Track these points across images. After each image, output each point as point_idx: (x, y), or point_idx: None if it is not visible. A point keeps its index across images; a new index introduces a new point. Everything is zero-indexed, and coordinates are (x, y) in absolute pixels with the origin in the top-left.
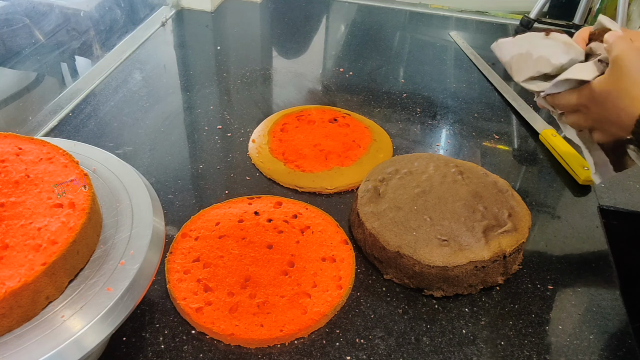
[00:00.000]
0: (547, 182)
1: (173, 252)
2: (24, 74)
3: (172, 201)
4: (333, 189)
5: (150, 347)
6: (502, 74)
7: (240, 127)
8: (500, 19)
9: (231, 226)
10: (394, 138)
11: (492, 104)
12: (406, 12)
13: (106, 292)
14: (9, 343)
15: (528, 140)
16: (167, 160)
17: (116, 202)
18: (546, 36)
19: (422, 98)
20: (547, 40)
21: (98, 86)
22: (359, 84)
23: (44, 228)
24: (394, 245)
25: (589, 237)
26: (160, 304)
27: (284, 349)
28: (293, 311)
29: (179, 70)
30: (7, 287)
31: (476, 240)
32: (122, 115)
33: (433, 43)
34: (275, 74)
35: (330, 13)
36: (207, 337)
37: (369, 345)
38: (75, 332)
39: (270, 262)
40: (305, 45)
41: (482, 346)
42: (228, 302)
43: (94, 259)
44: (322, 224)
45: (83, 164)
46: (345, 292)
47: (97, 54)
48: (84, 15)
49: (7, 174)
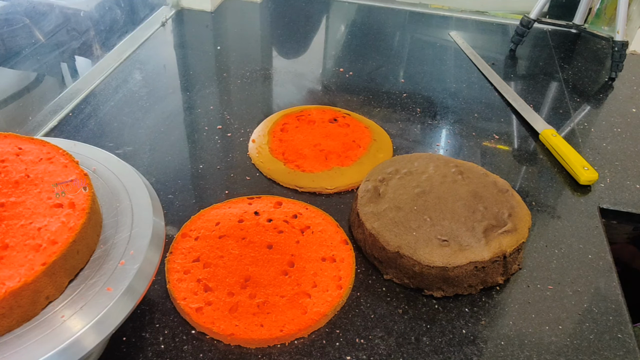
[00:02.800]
0: (547, 182)
1: (173, 252)
2: (24, 74)
3: (172, 201)
4: (333, 189)
5: (150, 347)
6: (502, 74)
7: (240, 127)
8: (500, 19)
9: (231, 226)
10: (394, 138)
11: (492, 104)
12: (406, 12)
13: (106, 292)
14: (9, 343)
15: (528, 140)
16: (167, 160)
17: (116, 202)
18: None
19: (422, 98)
20: None
21: (98, 86)
22: (359, 84)
23: (44, 228)
24: (394, 246)
25: (589, 237)
26: (160, 304)
27: (284, 349)
28: (293, 311)
29: (179, 70)
30: (7, 287)
31: (476, 241)
32: (122, 115)
33: (433, 43)
34: (275, 74)
35: (330, 13)
36: (207, 337)
37: (369, 345)
38: (75, 332)
39: (270, 262)
40: (305, 45)
41: (482, 346)
42: (228, 302)
43: (94, 259)
44: (322, 224)
45: (83, 164)
46: (345, 292)
47: (97, 54)
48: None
49: (7, 174)
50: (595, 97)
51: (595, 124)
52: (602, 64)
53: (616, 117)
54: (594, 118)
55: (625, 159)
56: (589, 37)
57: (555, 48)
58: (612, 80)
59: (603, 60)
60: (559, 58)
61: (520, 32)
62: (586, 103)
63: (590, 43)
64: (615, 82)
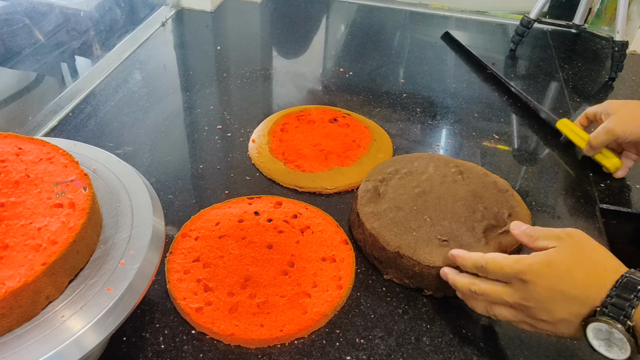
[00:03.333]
0: (547, 182)
1: (173, 252)
2: (24, 74)
3: (172, 201)
4: (333, 189)
5: (150, 347)
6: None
7: (240, 127)
8: (500, 19)
9: (231, 226)
10: (394, 138)
11: (492, 104)
12: (406, 12)
13: (106, 292)
14: (9, 343)
15: (528, 140)
16: (167, 160)
17: (116, 202)
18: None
19: (422, 98)
20: None
21: (98, 86)
22: (359, 84)
23: (44, 228)
24: (394, 246)
25: None
26: (160, 304)
27: (284, 349)
28: (293, 311)
29: (179, 70)
30: (7, 287)
31: (476, 241)
32: (122, 115)
33: (433, 43)
34: (275, 74)
35: (330, 13)
36: (207, 337)
37: (369, 345)
38: (75, 332)
39: (270, 262)
40: (305, 45)
41: (482, 346)
42: (228, 302)
43: (94, 259)
44: (322, 224)
45: (83, 164)
46: (345, 292)
47: (97, 54)
48: (84, 15)
49: (7, 174)
50: (595, 97)
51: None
52: (602, 64)
53: None
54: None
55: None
56: (589, 37)
57: (555, 48)
58: (612, 80)
59: (603, 60)
60: (559, 58)
61: (520, 32)
62: (586, 103)
63: (590, 43)
64: (615, 82)
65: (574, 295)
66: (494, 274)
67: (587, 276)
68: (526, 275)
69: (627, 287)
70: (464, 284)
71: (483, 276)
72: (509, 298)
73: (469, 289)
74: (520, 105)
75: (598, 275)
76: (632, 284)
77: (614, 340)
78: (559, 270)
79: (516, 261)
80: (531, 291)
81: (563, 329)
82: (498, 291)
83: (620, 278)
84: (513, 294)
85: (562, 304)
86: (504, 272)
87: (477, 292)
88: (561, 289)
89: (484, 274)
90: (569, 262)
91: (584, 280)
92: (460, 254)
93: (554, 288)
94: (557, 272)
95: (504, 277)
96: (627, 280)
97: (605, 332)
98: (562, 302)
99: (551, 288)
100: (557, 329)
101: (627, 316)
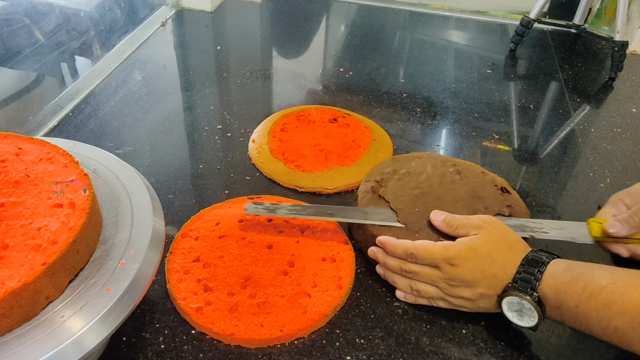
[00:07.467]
0: (547, 182)
1: (173, 252)
2: (24, 74)
3: (172, 201)
4: (333, 189)
5: (150, 347)
6: (502, 74)
7: (240, 127)
8: (500, 19)
9: (231, 226)
10: (394, 138)
11: (492, 104)
12: (406, 12)
13: (106, 292)
14: (9, 343)
15: (528, 140)
16: (167, 160)
17: (116, 202)
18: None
19: (422, 98)
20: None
21: (98, 86)
22: (359, 84)
23: (44, 228)
24: None
25: None
26: (160, 304)
27: (284, 349)
28: (293, 311)
29: (179, 70)
30: (7, 287)
31: None
32: (122, 115)
33: (433, 43)
34: (275, 74)
35: (330, 13)
36: (207, 337)
37: (369, 345)
38: (75, 332)
39: (270, 262)
40: (305, 45)
41: (482, 346)
42: (228, 302)
43: (94, 259)
44: (322, 224)
45: (83, 164)
46: (345, 292)
47: (97, 54)
48: (84, 15)
49: (7, 174)
50: (595, 97)
51: (595, 124)
52: (602, 64)
53: (616, 117)
54: (594, 118)
55: (625, 159)
56: (589, 37)
57: (555, 48)
58: (612, 80)
59: (603, 60)
60: (559, 58)
61: (520, 32)
62: (586, 103)
63: (590, 43)
64: (615, 82)
65: (493, 274)
66: (424, 259)
67: (504, 256)
68: (454, 260)
69: (531, 264)
70: (395, 263)
71: (412, 261)
72: (437, 278)
73: (400, 268)
74: (520, 105)
75: (512, 256)
76: (535, 261)
77: (525, 310)
78: (481, 254)
79: (445, 248)
80: (458, 273)
81: (481, 304)
82: (428, 272)
83: (526, 256)
84: (441, 275)
85: (483, 282)
86: (433, 258)
87: (407, 270)
88: (483, 269)
89: (413, 260)
90: (490, 246)
91: (502, 260)
92: (390, 241)
93: (477, 269)
94: (480, 255)
95: (433, 262)
96: (532, 258)
97: (517, 304)
98: (483, 280)
99: (475, 269)
100: (476, 305)
101: (534, 288)
